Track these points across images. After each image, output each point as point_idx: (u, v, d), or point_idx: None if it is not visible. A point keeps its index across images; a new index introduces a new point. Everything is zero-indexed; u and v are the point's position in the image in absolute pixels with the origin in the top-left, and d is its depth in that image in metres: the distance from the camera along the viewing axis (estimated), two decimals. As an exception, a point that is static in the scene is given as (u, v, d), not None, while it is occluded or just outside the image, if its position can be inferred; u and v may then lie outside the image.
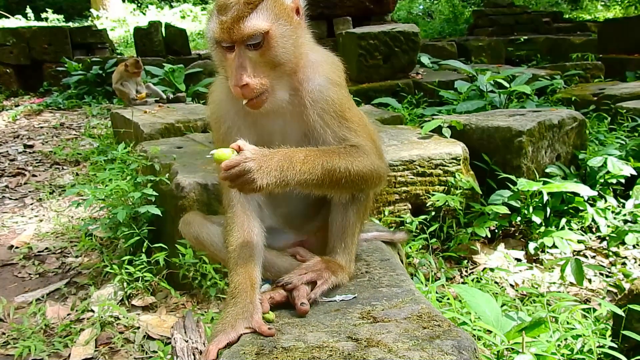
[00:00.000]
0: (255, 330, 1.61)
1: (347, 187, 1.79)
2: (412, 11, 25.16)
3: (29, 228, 5.21)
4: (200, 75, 9.78)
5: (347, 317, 1.62)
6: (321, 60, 1.93)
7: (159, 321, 3.56)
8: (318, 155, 1.71)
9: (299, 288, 1.76)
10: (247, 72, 1.69)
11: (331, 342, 1.44)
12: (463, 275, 3.92)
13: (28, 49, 12.60)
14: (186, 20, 24.64)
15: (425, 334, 1.44)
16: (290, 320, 1.63)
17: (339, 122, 1.84)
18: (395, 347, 1.37)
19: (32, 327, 3.47)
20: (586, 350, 2.42)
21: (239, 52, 1.69)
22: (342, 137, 1.84)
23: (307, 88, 1.84)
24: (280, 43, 1.72)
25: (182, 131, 6.23)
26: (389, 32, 8.42)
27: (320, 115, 1.83)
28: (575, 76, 9.00)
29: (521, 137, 4.41)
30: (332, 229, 1.94)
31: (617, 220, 4.25)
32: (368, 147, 1.85)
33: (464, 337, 1.40)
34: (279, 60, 1.74)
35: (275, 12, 1.71)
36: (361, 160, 1.78)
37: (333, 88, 1.87)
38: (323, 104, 1.84)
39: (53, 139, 8.43)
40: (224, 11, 1.68)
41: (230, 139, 1.82)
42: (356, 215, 1.92)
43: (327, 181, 1.71)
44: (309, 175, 1.66)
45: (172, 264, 3.76)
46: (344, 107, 1.87)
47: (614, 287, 3.57)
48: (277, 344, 1.46)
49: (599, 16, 22.26)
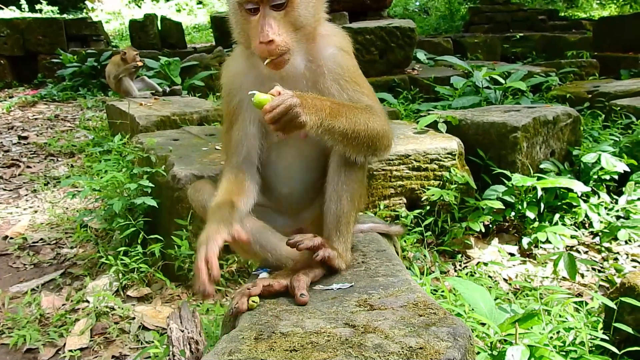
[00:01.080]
0: (234, 237, 1.74)
1: (363, 143, 1.85)
2: (408, 7, 25.17)
3: (23, 219, 5.20)
4: (196, 69, 9.76)
5: (344, 305, 1.63)
6: (332, 32, 2.03)
7: (154, 312, 3.58)
8: (343, 105, 1.81)
9: (299, 278, 1.78)
10: (273, 30, 1.76)
11: (329, 328, 1.45)
12: (457, 269, 3.95)
13: (22, 40, 12.51)
14: (182, 14, 24.54)
15: (422, 322, 1.46)
16: (287, 307, 1.65)
17: (353, 87, 1.94)
18: (392, 333, 1.39)
19: (27, 316, 3.47)
20: (578, 342, 2.45)
21: (264, 12, 1.78)
22: (357, 100, 1.93)
23: (322, 56, 1.94)
24: (303, 5, 1.82)
25: (178, 124, 6.22)
26: (385, 27, 8.43)
27: (336, 80, 1.93)
28: (570, 73, 9.05)
29: (516, 132, 4.43)
30: (327, 218, 1.97)
31: (610, 216, 4.29)
32: (379, 110, 1.94)
33: (459, 324, 1.42)
34: (300, 22, 1.83)
35: None
36: (375, 120, 1.87)
37: (346, 55, 1.98)
38: (338, 69, 1.93)
39: (47, 131, 8.39)
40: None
41: (243, 112, 1.95)
42: (350, 203, 1.94)
43: (350, 131, 1.78)
44: (334, 122, 1.73)
45: (168, 255, 3.76)
46: (355, 74, 1.98)
47: (605, 282, 3.60)
48: (275, 329, 1.47)
49: (594, 14, 22.33)
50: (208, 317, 3.31)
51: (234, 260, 3.83)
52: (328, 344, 1.36)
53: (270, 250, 1.93)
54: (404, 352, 1.29)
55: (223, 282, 3.73)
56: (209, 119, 6.51)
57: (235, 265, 3.86)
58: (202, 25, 23.17)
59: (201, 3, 26.58)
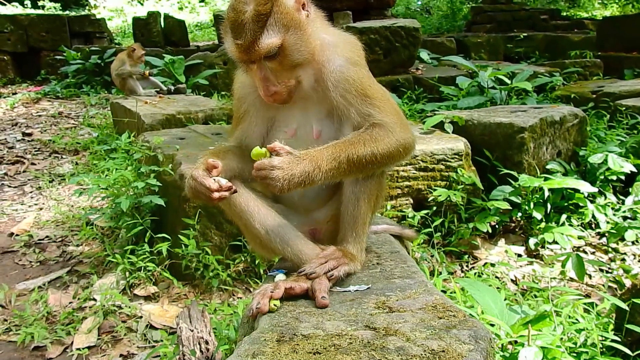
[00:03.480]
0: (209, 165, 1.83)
1: (375, 167, 1.90)
2: (410, 7, 25.16)
3: (28, 216, 5.20)
4: (200, 67, 9.75)
5: (363, 307, 1.63)
6: (338, 41, 2.00)
7: (161, 311, 3.58)
8: (343, 149, 1.80)
9: (320, 281, 1.79)
10: (272, 82, 1.85)
11: (350, 331, 1.45)
12: (464, 269, 3.95)
13: (26, 37, 12.51)
14: (184, 12, 24.54)
15: (442, 324, 1.45)
16: (307, 309, 1.65)
17: (361, 100, 1.91)
18: (413, 336, 1.39)
19: (35, 314, 3.47)
20: (589, 343, 2.45)
21: (260, 65, 1.84)
22: (366, 114, 1.91)
23: (328, 69, 1.93)
24: (294, 48, 1.83)
25: (183, 122, 6.22)
26: (389, 26, 8.42)
27: (343, 95, 1.91)
28: (574, 73, 9.04)
29: (523, 133, 4.43)
30: (344, 218, 1.97)
31: (616, 216, 4.28)
32: (392, 123, 1.91)
33: (479, 327, 1.42)
34: (296, 62, 1.86)
35: (283, 22, 1.80)
36: (386, 141, 1.86)
37: (353, 68, 1.95)
38: (344, 84, 1.92)
39: (52, 128, 8.39)
40: (237, 35, 1.80)
41: (249, 118, 2.05)
42: (367, 204, 1.94)
43: (354, 169, 1.83)
44: (335, 172, 1.78)
45: (175, 254, 3.76)
46: (364, 85, 1.94)
47: (614, 283, 3.60)
48: (296, 331, 1.47)
49: (597, 14, 22.31)
50: (216, 316, 3.31)
51: (240, 259, 3.83)
52: (350, 347, 1.35)
53: (291, 245, 1.93)
54: (427, 355, 1.29)
55: (230, 282, 3.73)
56: (214, 117, 6.50)
57: (242, 265, 3.86)
58: (205, 23, 23.16)
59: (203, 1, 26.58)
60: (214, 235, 3.83)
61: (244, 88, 2.09)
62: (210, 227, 3.82)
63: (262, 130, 2.08)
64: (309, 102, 1.98)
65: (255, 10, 1.77)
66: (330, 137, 1.94)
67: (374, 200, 1.97)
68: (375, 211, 2.09)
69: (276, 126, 2.05)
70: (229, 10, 1.85)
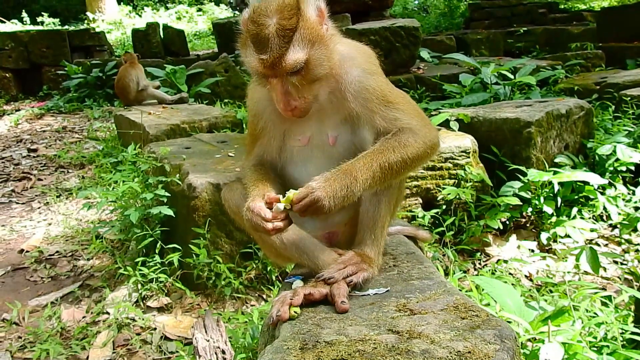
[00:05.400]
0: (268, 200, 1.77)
1: (407, 171, 1.90)
2: (407, 6, 25.13)
3: (38, 232, 5.20)
4: (201, 76, 9.76)
5: (384, 310, 1.61)
6: (354, 53, 1.99)
7: (175, 322, 3.56)
8: (374, 158, 1.80)
9: (339, 286, 1.77)
10: (293, 97, 1.81)
11: (373, 335, 1.43)
12: (477, 267, 3.93)
13: (27, 53, 12.55)
14: (182, 22, 24.60)
15: (465, 324, 1.44)
16: (327, 315, 1.63)
17: (384, 106, 1.91)
18: (438, 338, 1.37)
19: (49, 330, 3.47)
20: (610, 337, 2.42)
21: (282, 80, 1.79)
22: (392, 118, 1.91)
23: (346, 81, 1.92)
24: (318, 63, 1.80)
25: (188, 132, 6.22)
26: (389, 27, 8.42)
27: (364, 105, 1.91)
28: (577, 66, 9.01)
29: (530, 127, 4.41)
30: (363, 221, 1.95)
31: (628, 207, 4.25)
32: (418, 125, 1.91)
33: (504, 326, 1.40)
34: (319, 73, 1.83)
35: (309, 37, 1.77)
36: (414, 144, 1.85)
37: (371, 77, 1.94)
38: (365, 93, 1.91)
39: (56, 143, 8.40)
40: (262, 49, 1.74)
41: (267, 134, 2.01)
42: (387, 207, 1.93)
43: (388, 176, 1.81)
44: (371, 181, 1.77)
45: (186, 264, 3.76)
46: (385, 92, 1.94)
47: (629, 274, 3.57)
48: (319, 338, 1.45)
49: (594, 5, 22.23)
50: (231, 325, 3.30)
51: (252, 267, 3.82)
52: (376, 352, 1.34)
53: (307, 252, 1.92)
54: (453, 357, 1.27)
55: (242, 290, 3.72)
56: (219, 125, 6.50)
57: (253, 272, 3.85)
58: (203, 32, 23.21)
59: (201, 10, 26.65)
60: (224, 244, 3.82)
61: (259, 103, 2.05)
62: (221, 236, 3.81)
63: (280, 143, 2.06)
64: (324, 112, 1.96)
65: (280, 24, 1.72)
66: (346, 142, 1.94)
67: (393, 203, 1.97)
68: (394, 214, 2.08)
69: (289, 136, 2.03)
70: (248, 23, 1.79)
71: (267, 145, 2.06)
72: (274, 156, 2.03)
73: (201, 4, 27.47)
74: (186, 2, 27.44)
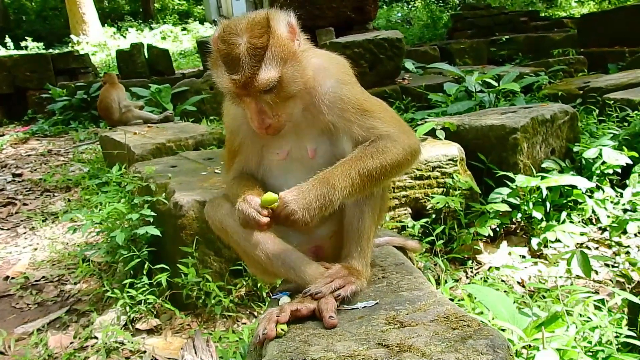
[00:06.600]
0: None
1: (387, 178, 1.87)
2: (390, 19, 25.38)
3: (23, 257, 5.11)
4: (187, 94, 9.75)
5: (373, 324, 1.58)
6: (326, 63, 1.97)
7: (165, 343, 3.49)
8: (352, 165, 1.77)
9: (327, 300, 1.74)
10: (267, 115, 1.78)
11: (362, 350, 1.40)
12: (469, 275, 3.90)
13: (11, 78, 12.48)
14: (167, 41, 24.66)
15: (457, 335, 1.40)
16: (315, 331, 1.59)
17: (361, 115, 1.89)
18: (429, 350, 1.34)
19: (35, 358, 3.38)
20: (604, 341, 2.40)
21: (256, 99, 1.76)
22: (369, 127, 1.88)
23: (320, 93, 1.89)
24: (292, 79, 1.77)
25: (174, 150, 6.18)
26: (373, 39, 8.46)
27: (340, 115, 1.89)
28: (560, 71, 9.10)
29: (516, 133, 4.41)
30: (348, 233, 1.93)
31: (616, 210, 4.25)
32: (396, 132, 1.89)
33: (496, 335, 1.37)
34: (292, 93, 1.81)
35: (280, 55, 1.74)
36: (393, 150, 1.83)
37: (345, 87, 1.92)
38: (340, 104, 1.89)
39: (42, 166, 8.32)
40: (233, 69, 1.71)
41: (245, 149, 2.00)
42: (371, 217, 1.90)
43: (368, 183, 1.78)
44: (350, 188, 1.75)
45: (175, 284, 3.69)
46: (360, 101, 1.91)
47: (621, 277, 3.56)
48: (306, 356, 1.41)
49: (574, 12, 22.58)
50: (221, 344, 3.24)
51: (242, 284, 3.76)
52: (364, 367, 1.30)
53: (294, 267, 1.87)
54: (444, 369, 1.24)
55: (233, 308, 3.66)
56: (205, 142, 6.47)
57: (244, 290, 3.79)
58: (188, 50, 23.28)
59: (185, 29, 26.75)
60: (213, 262, 3.76)
61: (235, 120, 2.03)
62: (209, 254, 3.75)
63: (258, 158, 2.04)
64: (300, 126, 1.93)
65: (251, 43, 1.70)
66: (326, 154, 1.92)
67: (377, 213, 1.93)
68: (379, 224, 2.05)
69: (267, 150, 2.00)
70: (218, 42, 1.76)
71: (246, 161, 2.04)
72: (253, 170, 2.01)
73: (186, 23, 27.60)
74: (170, 22, 27.55)
